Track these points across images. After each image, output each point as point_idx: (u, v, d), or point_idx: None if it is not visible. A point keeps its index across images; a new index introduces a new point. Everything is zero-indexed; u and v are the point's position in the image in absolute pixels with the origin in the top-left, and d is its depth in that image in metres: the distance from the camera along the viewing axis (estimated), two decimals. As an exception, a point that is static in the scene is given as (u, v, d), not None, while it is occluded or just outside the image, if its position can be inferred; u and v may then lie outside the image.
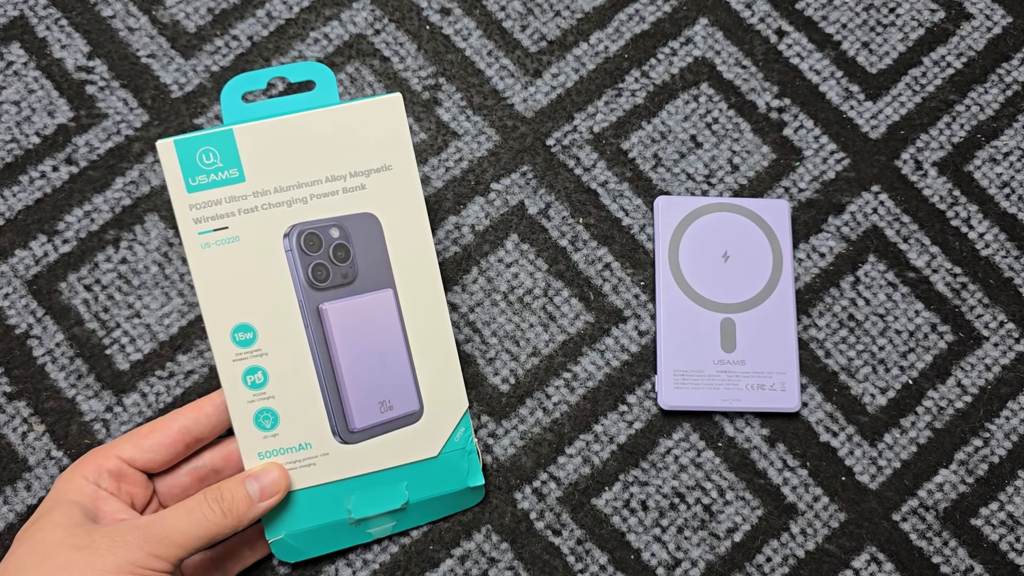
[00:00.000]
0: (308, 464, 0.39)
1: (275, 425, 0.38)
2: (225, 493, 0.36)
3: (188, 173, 0.37)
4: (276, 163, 0.37)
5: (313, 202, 0.38)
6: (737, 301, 0.45)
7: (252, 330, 0.38)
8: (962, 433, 0.44)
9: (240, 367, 0.38)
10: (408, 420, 0.40)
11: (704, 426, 0.44)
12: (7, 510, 0.42)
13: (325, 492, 0.39)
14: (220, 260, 0.37)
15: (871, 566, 0.42)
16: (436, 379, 0.40)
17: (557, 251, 0.46)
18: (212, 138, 0.37)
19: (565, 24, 0.49)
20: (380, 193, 0.38)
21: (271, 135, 0.37)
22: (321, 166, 0.38)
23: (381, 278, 0.39)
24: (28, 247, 0.46)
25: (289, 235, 0.38)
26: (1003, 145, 0.48)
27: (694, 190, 0.47)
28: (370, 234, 0.38)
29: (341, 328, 0.39)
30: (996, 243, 0.47)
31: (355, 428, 0.39)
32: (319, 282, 0.38)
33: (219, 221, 0.37)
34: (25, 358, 0.44)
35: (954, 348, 0.45)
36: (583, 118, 0.48)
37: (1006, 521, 0.43)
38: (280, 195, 0.38)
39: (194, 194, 0.37)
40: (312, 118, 0.38)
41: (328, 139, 0.38)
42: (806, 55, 0.49)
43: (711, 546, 0.43)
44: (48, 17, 0.49)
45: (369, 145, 0.38)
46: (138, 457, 0.37)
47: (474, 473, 0.41)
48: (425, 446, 0.40)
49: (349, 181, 0.38)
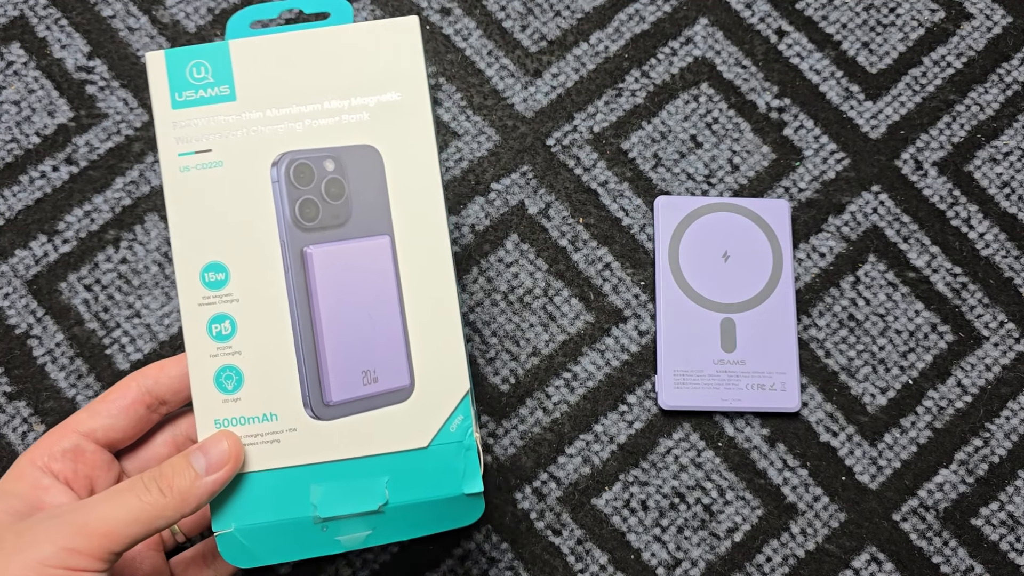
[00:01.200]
0: (271, 440, 0.33)
1: (238, 387, 0.33)
2: (165, 469, 0.30)
3: (175, 87, 0.33)
4: (272, 83, 0.34)
5: (309, 129, 0.34)
6: (737, 301, 0.45)
7: (224, 270, 0.33)
8: (962, 433, 0.44)
9: (206, 313, 0.33)
10: (395, 397, 0.34)
11: (704, 426, 0.44)
12: (7, 510, 0.42)
13: (288, 478, 0.33)
14: (199, 186, 0.33)
15: (871, 566, 0.42)
16: (433, 351, 0.34)
17: (557, 251, 0.46)
18: (205, 50, 0.33)
19: (565, 24, 0.49)
20: (385, 125, 0.34)
21: (270, 52, 0.34)
22: (322, 89, 0.34)
23: (378, 223, 0.34)
24: (28, 247, 0.46)
25: (278, 164, 0.33)
26: (1003, 145, 0.48)
27: (694, 190, 0.47)
28: (370, 170, 0.34)
29: (326, 277, 0.33)
30: (996, 243, 0.47)
31: (331, 400, 0.33)
32: (307, 220, 0.33)
33: (202, 142, 0.33)
34: (25, 358, 0.44)
35: (954, 348, 0.45)
36: (583, 118, 0.48)
37: (1006, 521, 0.43)
38: (273, 118, 0.34)
39: (179, 111, 0.33)
40: (316, 36, 0.34)
41: (332, 61, 0.34)
42: (806, 55, 0.49)
43: (711, 546, 0.43)
44: (48, 17, 0.49)
45: (378, 71, 0.34)
46: (97, 426, 0.33)
47: (471, 476, 0.33)
48: (413, 433, 0.33)
49: (351, 109, 0.34)
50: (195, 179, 0.33)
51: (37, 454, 0.32)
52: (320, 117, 0.34)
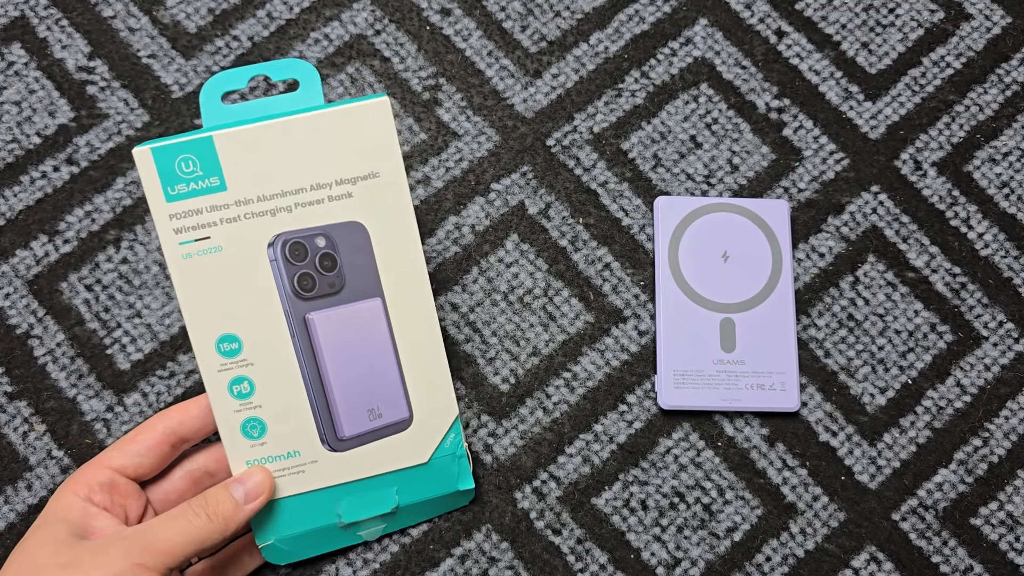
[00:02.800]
0: (297, 471, 0.38)
1: (262, 434, 0.38)
2: (209, 498, 0.35)
3: (167, 182, 0.36)
4: (258, 171, 0.36)
5: (298, 211, 0.37)
6: (737, 301, 0.45)
7: (237, 340, 0.37)
8: (961, 433, 0.44)
9: (226, 377, 0.37)
10: (398, 427, 0.39)
11: (704, 426, 0.44)
12: (8, 510, 0.42)
13: (314, 498, 0.39)
14: (203, 270, 0.36)
15: (870, 566, 0.42)
16: (426, 386, 0.39)
17: (557, 251, 0.46)
18: (191, 146, 0.36)
19: (565, 24, 0.49)
20: (367, 201, 0.37)
21: (252, 141, 0.36)
22: (305, 173, 0.36)
23: (369, 287, 0.38)
24: (29, 247, 0.46)
25: (274, 244, 0.37)
26: (1002, 145, 0.48)
27: (694, 190, 0.47)
28: (357, 243, 0.37)
29: (328, 337, 0.38)
30: (995, 243, 0.47)
31: (344, 436, 0.39)
32: (305, 292, 0.37)
33: (201, 231, 0.36)
34: (26, 358, 0.44)
35: (953, 348, 0.45)
36: (583, 118, 0.48)
37: (1005, 521, 0.43)
38: (263, 204, 0.36)
39: (174, 203, 0.36)
40: (295, 123, 0.36)
41: (312, 145, 0.36)
42: (806, 55, 0.49)
43: (711, 545, 0.43)
44: (49, 17, 0.49)
45: (355, 151, 0.37)
46: (127, 464, 0.37)
47: (464, 477, 0.41)
48: (415, 453, 0.40)
49: (335, 189, 0.37)
50: (198, 264, 0.36)
51: (78, 487, 0.36)
52: (307, 198, 0.37)
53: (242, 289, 0.37)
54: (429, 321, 0.39)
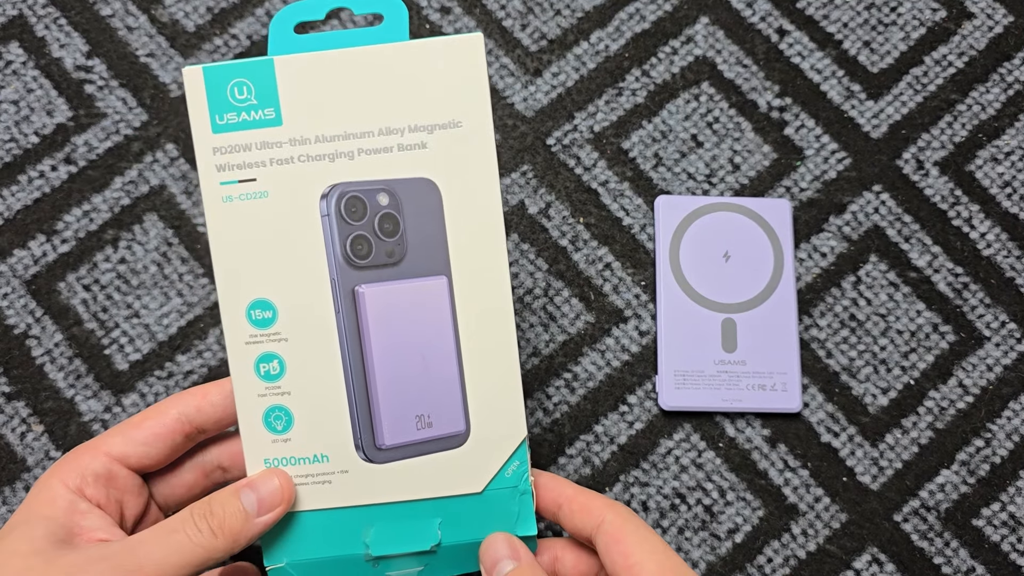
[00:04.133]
0: (323, 481, 0.32)
1: (288, 427, 0.32)
2: (215, 508, 0.30)
3: (216, 109, 0.31)
4: (322, 106, 0.31)
5: (361, 158, 0.31)
6: (738, 301, 0.45)
7: (272, 308, 0.32)
8: (964, 433, 0.44)
9: (253, 352, 0.32)
10: (449, 443, 0.32)
11: (705, 426, 0.44)
12: (6, 510, 0.42)
13: (340, 518, 0.32)
14: (243, 218, 0.31)
15: (872, 567, 0.42)
16: (489, 395, 0.32)
17: (557, 251, 0.46)
18: (248, 68, 0.31)
19: (565, 23, 0.49)
20: (444, 155, 0.31)
21: (319, 72, 0.31)
22: (375, 115, 0.31)
23: (434, 262, 0.32)
24: (27, 247, 0.46)
25: (328, 196, 0.31)
26: (1005, 145, 0.48)
27: (695, 190, 0.47)
28: (427, 205, 0.31)
29: (379, 318, 0.32)
30: (998, 243, 0.46)
31: (384, 444, 0.32)
32: (358, 258, 0.31)
33: (246, 171, 0.31)
34: (24, 358, 0.44)
35: (955, 348, 0.45)
36: (583, 117, 0.48)
37: (1008, 522, 0.43)
38: (322, 146, 0.31)
39: (220, 135, 0.31)
40: (371, 54, 0.31)
41: (387, 82, 0.31)
42: (807, 54, 0.49)
43: (712, 547, 0.43)
44: (47, 16, 0.49)
45: (437, 94, 0.31)
46: (130, 452, 0.31)
47: (525, 519, 0.32)
48: (467, 478, 0.32)
49: (407, 136, 0.31)
50: (239, 210, 0.31)
51: (69, 476, 0.31)
52: (374, 145, 0.31)
53: (285, 246, 0.31)
54: (503, 314, 0.32)
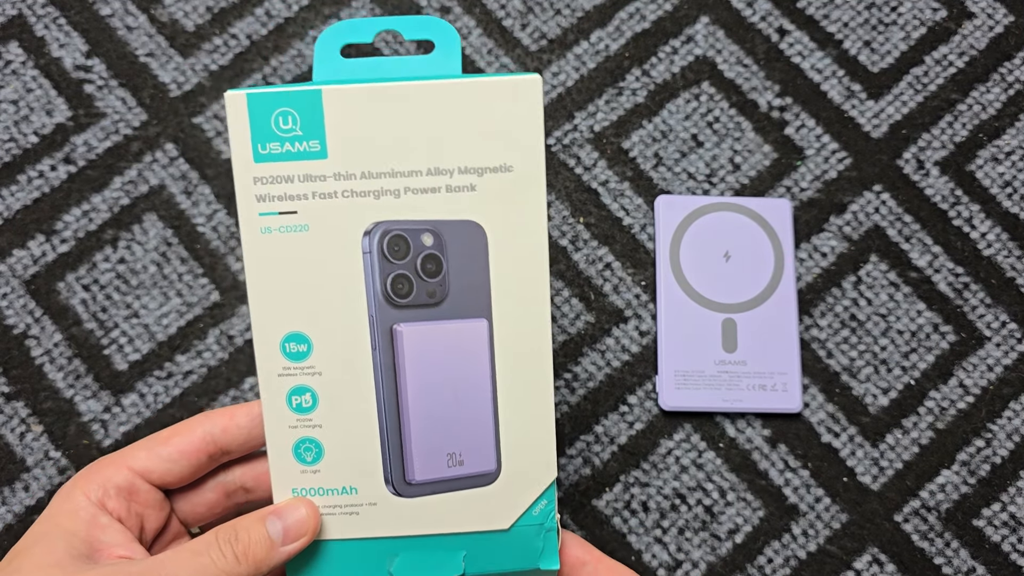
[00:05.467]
0: (351, 512, 0.32)
1: (318, 459, 0.32)
2: (240, 533, 0.30)
3: (258, 138, 0.30)
4: (368, 141, 0.30)
5: (407, 197, 0.30)
6: (738, 301, 0.45)
7: (307, 341, 0.31)
8: (964, 434, 0.44)
9: (286, 384, 0.32)
10: (480, 481, 0.32)
11: (705, 427, 0.44)
12: (5, 511, 0.42)
13: (366, 548, 0.33)
14: (281, 251, 0.31)
15: (873, 567, 0.42)
16: (522, 437, 0.32)
17: (557, 251, 0.46)
18: (295, 98, 0.30)
19: (565, 22, 0.49)
20: (493, 199, 0.30)
21: (368, 105, 0.30)
22: (425, 154, 0.30)
23: (476, 304, 0.31)
24: (26, 247, 0.45)
25: (371, 233, 0.31)
26: (1005, 144, 0.48)
27: (695, 189, 0.47)
28: (471, 248, 0.31)
29: (417, 357, 0.32)
30: (998, 243, 0.46)
31: (414, 480, 0.32)
32: (399, 297, 0.31)
33: (287, 203, 0.30)
34: (23, 358, 0.44)
35: (956, 348, 0.45)
36: (583, 117, 0.48)
37: (1008, 522, 0.43)
38: (368, 182, 0.30)
39: (262, 164, 0.30)
40: (424, 89, 0.30)
41: (439, 120, 0.30)
42: (807, 54, 0.49)
43: (712, 547, 0.43)
44: (46, 16, 0.49)
45: (489, 135, 0.30)
46: (154, 468, 0.32)
47: (549, 554, 0.33)
48: (495, 516, 0.32)
49: (456, 177, 0.30)
50: (277, 243, 0.31)
51: (91, 488, 0.31)
52: (421, 184, 0.31)
53: (324, 281, 0.31)
54: (542, 359, 0.32)
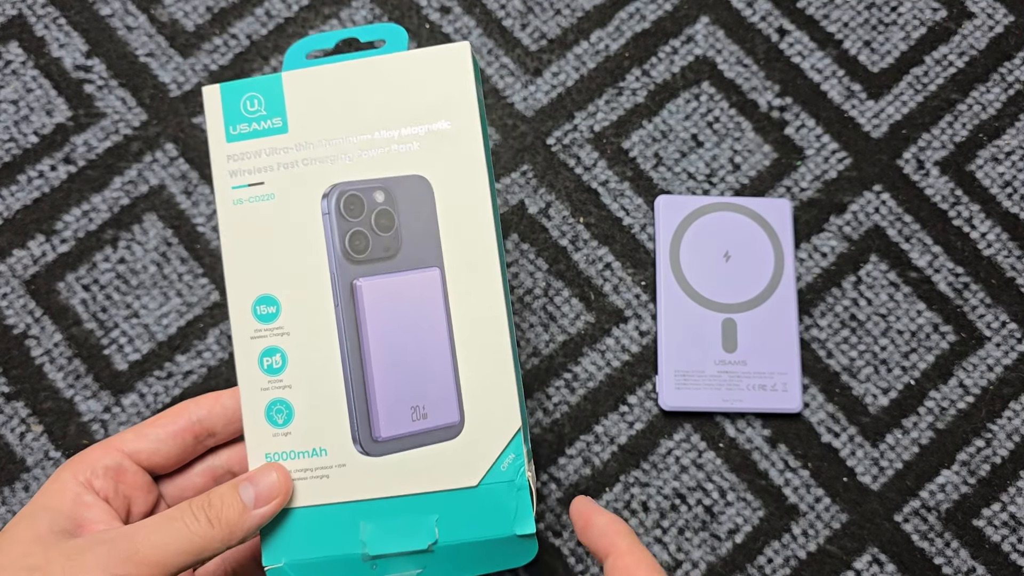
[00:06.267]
0: (321, 475, 0.33)
1: (288, 421, 0.33)
2: (213, 499, 0.30)
3: (230, 120, 0.34)
4: (323, 114, 0.33)
5: (360, 159, 0.33)
6: (738, 301, 0.45)
7: (276, 303, 0.33)
8: (964, 434, 0.44)
9: (258, 346, 0.33)
10: (444, 434, 0.33)
11: (705, 427, 0.44)
12: (5, 511, 0.42)
13: (338, 514, 0.33)
14: (251, 219, 0.33)
15: (873, 567, 0.42)
16: (483, 386, 0.33)
17: (557, 251, 0.46)
18: (258, 83, 0.34)
19: (565, 22, 0.49)
20: (435, 155, 0.33)
21: (320, 83, 0.33)
22: (372, 120, 0.33)
23: (428, 255, 0.33)
24: (26, 247, 0.45)
25: (328, 195, 0.33)
26: (1005, 144, 0.48)
27: (695, 189, 0.47)
28: (419, 201, 0.33)
29: (376, 310, 0.33)
30: (998, 243, 0.46)
31: (380, 437, 0.33)
32: (356, 253, 0.33)
33: (255, 175, 0.33)
34: (23, 358, 0.44)
35: (956, 348, 0.45)
36: (583, 117, 0.48)
37: (1008, 522, 0.43)
38: (323, 149, 0.33)
39: (233, 143, 0.34)
40: (366, 65, 0.33)
41: (382, 90, 0.33)
42: (807, 54, 0.49)
43: (712, 547, 0.43)
44: (46, 16, 0.49)
45: (427, 99, 0.33)
46: (142, 448, 0.32)
47: (523, 516, 0.32)
48: (463, 471, 0.32)
49: (401, 139, 0.33)
50: (247, 212, 0.33)
51: (79, 468, 0.31)
52: (370, 148, 0.33)
53: (289, 244, 0.33)
54: (494, 304, 0.33)
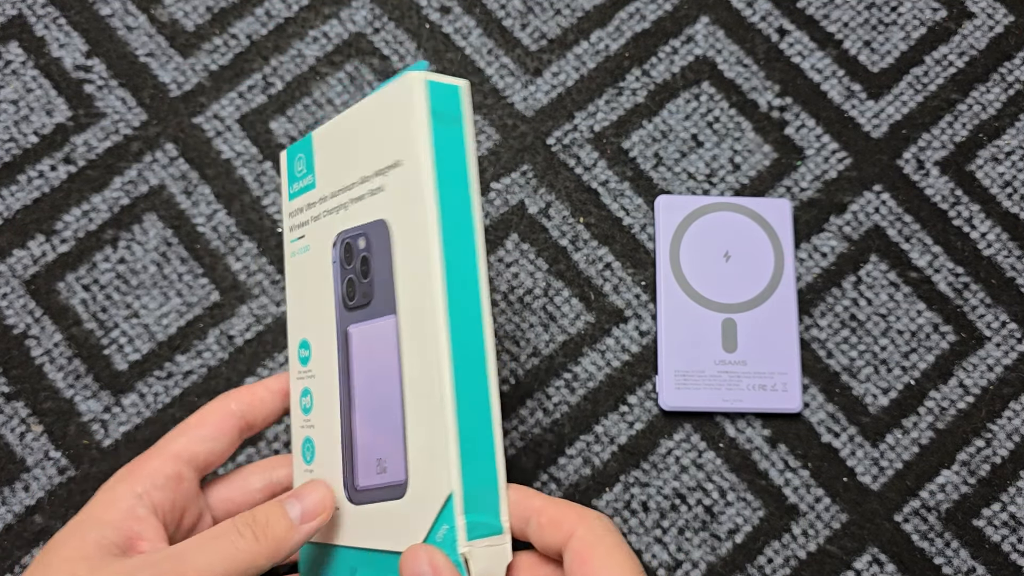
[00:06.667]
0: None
1: (312, 459, 0.33)
2: (259, 515, 0.30)
3: (291, 181, 0.36)
4: (332, 166, 0.34)
5: (352, 207, 0.33)
6: (738, 301, 0.45)
7: (309, 347, 0.34)
8: (964, 433, 0.44)
9: (299, 386, 0.35)
10: (395, 492, 0.30)
11: (705, 427, 0.44)
12: (5, 511, 0.42)
13: (333, 557, 0.33)
14: (298, 270, 0.35)
15: (873, 567, 0.42)
16: (424, 443, 0.29)
17: (557, 251, 0.46)
18: (300, 145, 0.36)
19: (565, 22, 0.49)
20: (395, 195, 0.31)
21: (332, 136, 0.34)
22: (356, 166, 0.33)
23: (388, 301, 0.31)
24: (26, 247, 0.45)
25: (336, 244, 0.33)
26: (1005, 144, 0.48)
27: (695, 189, 0.47)
28: (383, 246, 0.31)
29: (359, 358, 0.32)
30: (998, 243, 0.46)
31: (358, 485, 0.32)
32: (350, 299, 0.33)
33: (300, 230, 0.35)
34: (23, 358, 0.44)
35: (956, 348, 0.45)
36: (583, 117, 0.48)
37: (1008, 522, 0.43)
38: (332, 201, 0.34)
39: (291, 202, 0.36)
40: (348, 115, 0.34)
41: (363, 135, 0.33)
42: (807, 54, 0.49)
43: (712, 547, 0.43)
44: (46, 16, 0.49)
45: (385, 138, 0.32)
46: (199, 450, 0.32)
47: None
48: (403, 535, 0.30)
49: (373, 181, 0.32)
50: (297, 263, 0.36)
51: (136, 480, 0.31)
52: (357, 193, 0.33)
53: (317, 292, 0.34)
54: (433, 356, 0.29)
